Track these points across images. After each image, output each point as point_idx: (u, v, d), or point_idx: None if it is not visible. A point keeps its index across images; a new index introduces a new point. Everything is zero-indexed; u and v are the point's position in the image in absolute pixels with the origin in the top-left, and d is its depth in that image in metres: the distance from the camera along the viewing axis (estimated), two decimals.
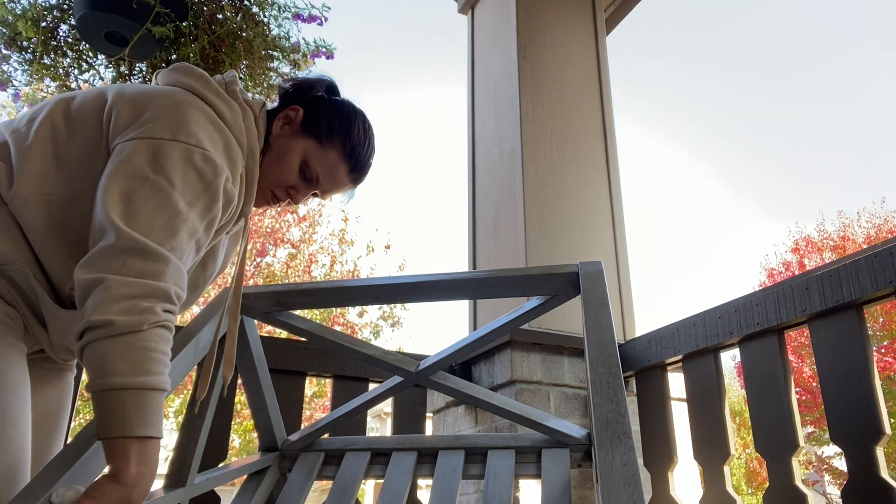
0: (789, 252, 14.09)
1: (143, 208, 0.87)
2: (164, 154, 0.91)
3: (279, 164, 1.14)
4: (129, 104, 0.98)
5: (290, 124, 1.16)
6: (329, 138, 1.16)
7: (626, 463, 0.89)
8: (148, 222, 0.87)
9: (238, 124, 1.06)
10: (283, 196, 1.17)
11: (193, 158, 0.93)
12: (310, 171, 1.15)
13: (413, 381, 1.51)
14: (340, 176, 1.19)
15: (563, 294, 1.36)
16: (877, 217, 13.69)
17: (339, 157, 1.17)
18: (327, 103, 1.20)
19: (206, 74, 1.09)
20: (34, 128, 0.98)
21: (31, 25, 1.92)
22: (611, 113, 2.59)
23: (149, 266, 0.84)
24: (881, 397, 1.32)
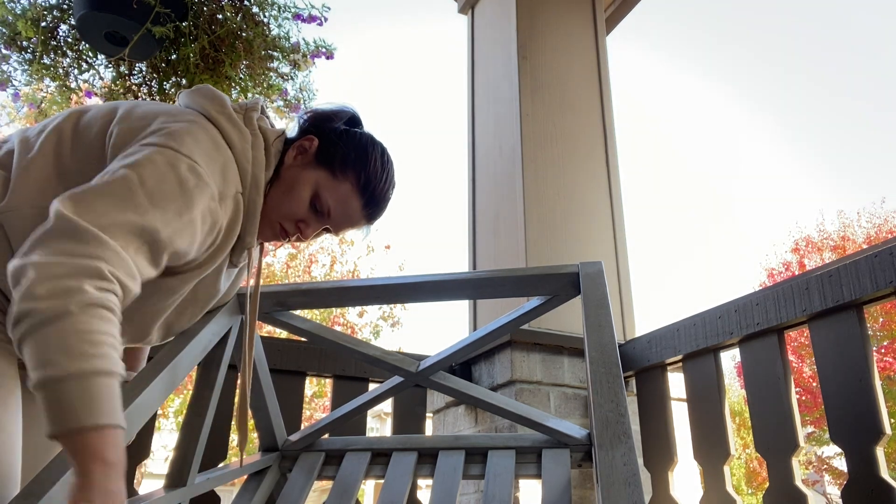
0: (789, 252, 14.09)
1: (96, 196, 0.83)
2: (148, 156, 0.89)
3: (288, 195, 1.08)
4: (134, 122, 0.96)
5: (303, 154, 1.11)
6: (343, 169, 1.10)
7: (627, 463, 0.89)
8: (95, 209, 0.81)
9: (245, 150, 1.03)
10: (292, 230, 1.10)
11: (178, 165, 0.90)
12: (321, 203, 1.09)
13: (413, 382, 1.51)
14: (353, 210, 1.12)
15: (563, 294, 1.36)
16: (877, 217, 13.70)
17: (353, 190, 1.10)
18: (344, 134, 1.14)
19: (225, 99, 1.06)
20: (41, 139, 0.97)
21: (30, 25, 1.92)
22: (611, 113, 2.59)
23: (79, 247, 0.77)
24: (881, 397, 1.32)
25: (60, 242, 0.78)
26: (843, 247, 13.33)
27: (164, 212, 0.87)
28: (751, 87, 69.17)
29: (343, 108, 1.19)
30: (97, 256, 0.79)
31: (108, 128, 0.96)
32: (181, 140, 0.92)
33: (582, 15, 2.72)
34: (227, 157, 0.99)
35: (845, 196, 49.01)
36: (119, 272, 0.81)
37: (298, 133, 1.16)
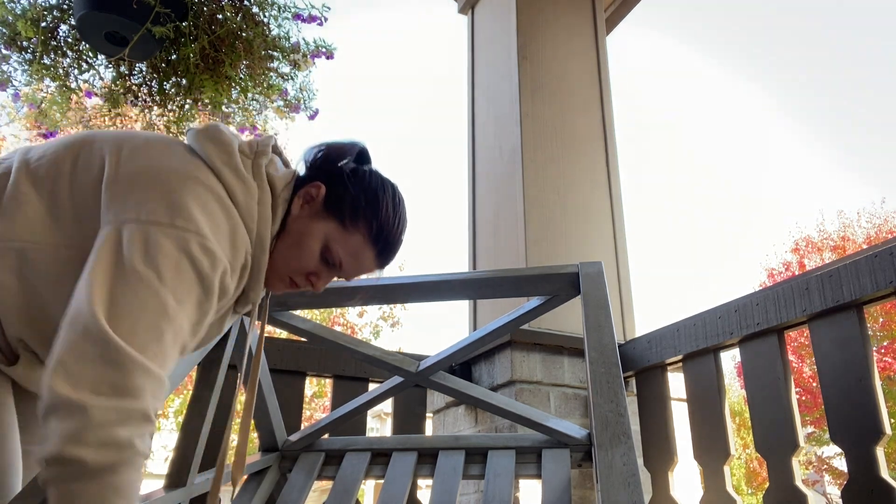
0: (789, 252, 14.09)
1: (127, 307, 0.80)
2: (157, 242, 0.84)
3: (297, 249, 1.03)
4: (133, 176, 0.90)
5: (310, 203, 1.04)
6: (353, 220, 1.04)
7: (626, 463, 0.89)
8: (131, 325, 0.79)
9: (250, 208, 0.96)
10: (302, 283, 1.06)
11: (190, 247, 0.85)
12: (332, 256, 1.04)
13: (413, 382, 1.51)
14: (366, 260, 1.07)
15: (563, 294, 1.36)
16: (877, 217, 13.70)
17: (365, 241, 1.05)
18: (352, 178, 1.07)
19: (233, 145, 0.99)
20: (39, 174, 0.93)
21: (30, 25, 1.92)
22: (611, 113, 2.59)
23: (129, 381, 0.76)
24: (881, 397, 1.32)
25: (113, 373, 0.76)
26: (843, 247, 13.33)
27: (188, 306, 0.86)
28: (751, 84, 69.17)
29: (351, 143, 1.12)
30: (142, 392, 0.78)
31: (102, 176, 0.91)
32: (188, 214, 0.87)
33: (582, 15, 2.72)
34: (234, 222, 0.94)
35: (845, 195, 49.04)
36: (158, 402, 0.82)
37: (305, 174, 1.09)
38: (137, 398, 0.77)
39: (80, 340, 0.76)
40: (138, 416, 0.77)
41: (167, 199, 0.87)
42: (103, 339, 0.76)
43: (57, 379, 0.74)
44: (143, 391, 0.78)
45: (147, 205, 0.86)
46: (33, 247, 0.88)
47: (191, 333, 0.88)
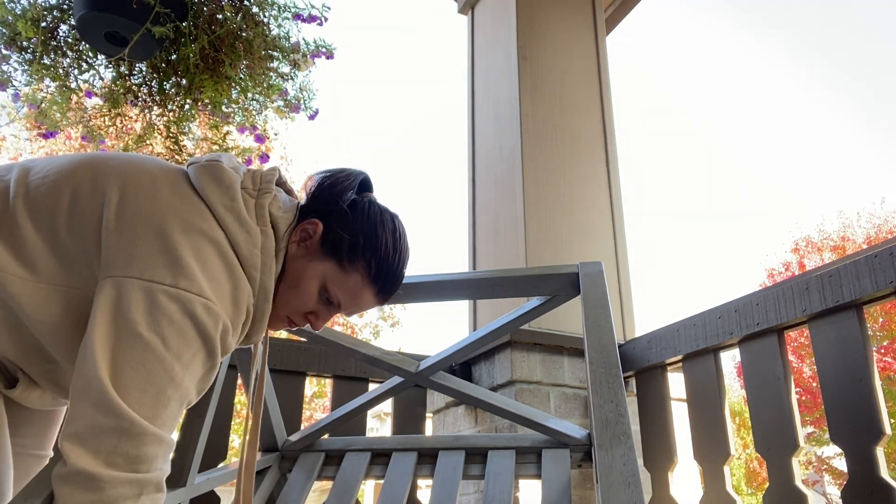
0: (789, 252, 14.10)
1: (134, 377, 0.80)
2: (160, 305, 0.82)
3: (295, 291, 1.01)
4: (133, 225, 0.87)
5: (306, 242, 1.01)
6: (351, 260, 1.01)
7: (626, 463, 0.89)
8: (140, 395, 0.79)
9: (253, 257, 0.93)
10: (300, 322, 1.05)
11: (194, 310, 0.84)
12: (330, 296, 1.02)
13: (413, 382, 1.51)
14: (366, 299, 1.05)
15: (563, 294, 1.36)
16: (876, 217, 13.70)
17: (364, 281, 1.02)
18: (349, 214, 1.03)
19: (234, 185, 0.95)
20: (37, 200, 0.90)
21: (30, 25, 1.92)
22: (611, 113, 2.59)
23: (142, 451, 0.78)
24: (881, 397, 1.32)
25: (125, 444, 0.78)
26: (842, 247, 13.33)
27: (193, 369, 0.85)
28: (754, 81, 69.20)
29: (354, 173, 1.08)
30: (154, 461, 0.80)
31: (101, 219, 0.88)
32: (192, 274, 0.85)
33: (582, 15, 2.72)
34: (236, 278, 0.91)
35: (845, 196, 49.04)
36: (168, 465, 0.84)
37: (306, 205, 1.06)
38: (151, 469, 0.79)
39: (92, 412, 0.77)
40: (151, 487, 0.79)
41: (170, 256, 0.84)
42: (115, 411, 0.77)
43: (73, 449, 0.76)
44: (156, 459, 0.80)
45: (150, 261, 0.84)
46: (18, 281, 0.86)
47: (196, 392, 0.88)
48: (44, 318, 0.86)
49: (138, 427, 0.78)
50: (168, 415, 0.82)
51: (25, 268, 0.86)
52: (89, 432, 0.77)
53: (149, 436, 0.79)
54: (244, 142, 2.64)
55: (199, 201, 0.92)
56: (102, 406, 0.77)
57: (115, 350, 0.80)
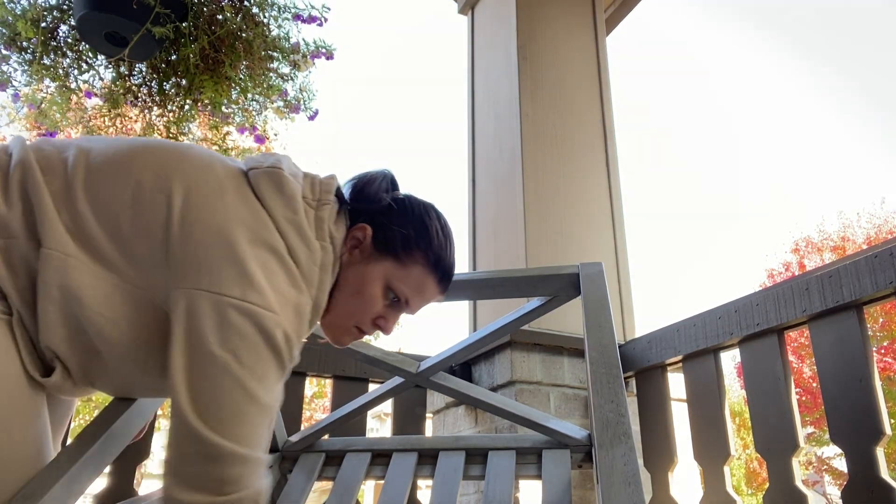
0: (789, 252, 14.10)
1: (211, 398, 0.80)
2: (231, 320, 0.81)
3: (359, 297, 1.00)
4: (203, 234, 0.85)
5: (358, 248, 1.00)
6: (408, 253, 1.01)
7: (627, 463, 0.89)
8: (218, 415, 0.79)
9: (311, 273, 0.92)
10: (370, 329, 1.04)
11: (264, 324, 0.83)
12: (397, 294, 1.02)
13: (413, 382, 1.51)
14: (430, 290, 1.05)
15: (563, 295, 1.36)
16: (876, 217, 13.70)
17: (425, 271, 1.02)
18: (395, 212, 1.03)
19: (296, 196, 0.94)
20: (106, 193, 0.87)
21: (30, 26, 1.92)
22: (611, 113, 2.59)
23: (226, 472, 0.79)
24: (881, 398, 1.32)
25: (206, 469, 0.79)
26: (842, 247, 13.34)
27: (268, 382, 0.85)
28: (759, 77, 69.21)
29: (381, 173, 1.08)
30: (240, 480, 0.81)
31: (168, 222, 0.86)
32: (259, 287, 0.84)
33: (582, 15, 2.72)
34: (299, 290, 0.90)
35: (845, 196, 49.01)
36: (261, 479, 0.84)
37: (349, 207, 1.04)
38: (239, 488, 0.80)
39: (180, 440, 0.79)
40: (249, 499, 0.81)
41: (238, 269, 0.83)
42: (196, 436, 0.78)
43: (169, 482, 0.79)
44: (241, 479, 0.80)
45: (219, 273, 0.83)
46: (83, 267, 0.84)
47: (275, 403, 0.88)
48: (104, 311, 0.85)
49: (219, 449, 0.78)
50: (250, 431, 0.82)
51: (91, 257, 0.85)
52: (179, 461, 0.79)
53: (232, 457, 0.79)
54: (244, 142, 2.64)
55: (261, 210, 0.90)
56: (183, 432, 0.79)
57: (190, 371, 0.80)
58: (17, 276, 0.85)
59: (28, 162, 0.87)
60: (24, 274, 0.85)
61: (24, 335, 0.87)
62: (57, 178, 0.87)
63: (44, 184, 0.86)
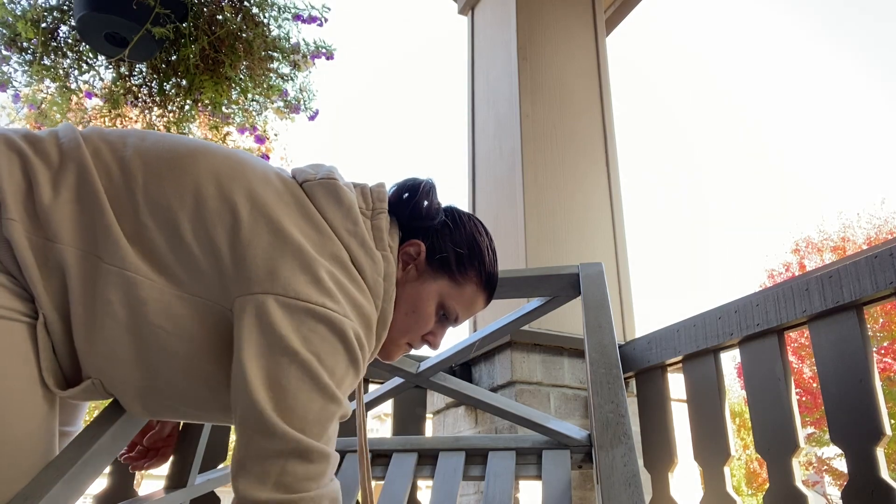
0: (789, 253, 14.10)
1: (295, 397, 0.78)
2: (310, 323, 0.80)
3: (413, 315, 0.99)
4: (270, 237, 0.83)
5: (413, 263, 1.00)
6: (463, 273, 1.01)
7: (627, 464, 0.89)
8: (302, 415, 0.78)
9: (377, 285, 0.91)
10: (419, 345, 1.04)
11: (343, 328, 0.82)
12: (448, 312, 1.02)
13: (413, 383, 1.51)
14: (478, 306, 1.06)
15: (563, 295, 1.36)
16: (876, 218, 13.71)
17: (477, 290, 1.03)
18: (450, 229, 1.03)
19: (354, 206, 0.93)
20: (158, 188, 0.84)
21: (31, 26, 1.92)
22: (611, 113, 2.59)
23: (310, 469, 0.78)
24: (881, 398, 1.32)
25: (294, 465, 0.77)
26: (843, 247, 13.34)
27: (346, 387, 0.85)
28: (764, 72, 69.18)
29: (425, 183, 1.05)
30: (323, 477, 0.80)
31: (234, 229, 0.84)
32: (333, 295, 0.83)
33: (582, 15, 2.72)
34: (367, 301, 0.89)
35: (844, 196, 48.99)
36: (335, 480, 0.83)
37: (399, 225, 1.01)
38: (321, 485, 0.79)
39: (256, 437, 0.76)
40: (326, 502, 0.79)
41: (311, 275, 0.82)
42: (278, 433, 0.76)
43: (240, 479, 0.76)
44: (323, 476, 0.79)
45: (292, 278, 0.81)
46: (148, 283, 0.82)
47: (349, 407, 0.86)
48: (166, 325, 0.82)
49: (304, 445, 0.77)
50: (332, 430, 0.82)
51: (154, 270, 0.82)
52: (255, 458, 0.76)
53: (315, 453, 0.78)
54: (244, 142, 2.65)
55: (323, 222, 0.89)
56: (264, 429, 0.76)
57: (270, 370, 0.78)
58: (50, 280, 0.82)
59: (84, 161, 0.84)
60: (59, 278, 0.82)
61: (46, 341, 0.84)
62: (114, 185, 0.84)
63: (102, 190, 0.83)
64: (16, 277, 0.82)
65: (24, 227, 0.81)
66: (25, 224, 0.81)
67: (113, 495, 1.62)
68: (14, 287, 0.82)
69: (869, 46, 66.39)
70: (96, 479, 0.97)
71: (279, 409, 0.77)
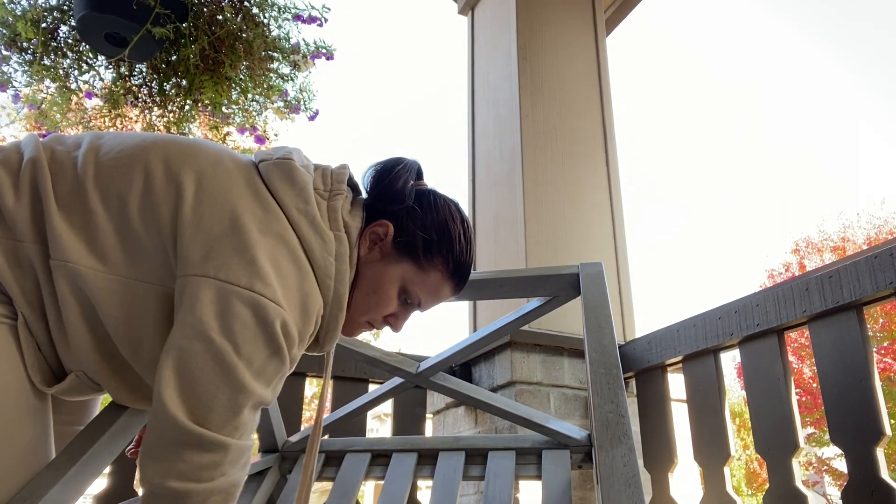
0: (789, 253, 14.10)
1: (202, 386, 0.78)
2: (233, 309, 0.79)
3: (374, 296, 0.98)
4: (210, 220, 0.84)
5: (379, 244, 0.99)
6: (429, 258, 0.99)
7: (627, 464, 0.89)
8: (207, 404, 0.78)
9: (327, 265, 0.90)
10: (380, 326, 1.03)
11: (267, 315, 0.81)
12: (410, 297, 1.00)
13: (413, 383, 1.51)
14: (445, 293, 1.04)
15: (563, 295, 1.36)
16: (876, 218, 13.70)
17: (443, 277, 1.01)
18: (418, 211, 1.01)
19: (308, 186, 0.93)
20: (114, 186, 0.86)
21: (31, 26, 1.92)
22: (611, 113, 2.59)
23: (205, 458, 0.78)
24: (881, 398, 1.32)
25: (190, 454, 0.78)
26: (842, 248, 13.34)
27: (266, 377, 0.84)
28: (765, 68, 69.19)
29: (408, 164, 1.04)
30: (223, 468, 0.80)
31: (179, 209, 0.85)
32: (266, 278, 0.82)
33: (582, 16, 2.72)
34: (309, 285, 0.88)
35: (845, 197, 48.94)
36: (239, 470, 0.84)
37: (367, 203, 1.02)
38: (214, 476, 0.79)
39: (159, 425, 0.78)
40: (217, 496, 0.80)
41: (246, 256, 0.82)
42: (177, 424, 0.77)
43: (145, 466, 0.78)
44: (221, 465, 0.80)
45: (225, 259, 0.81)
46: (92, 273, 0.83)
47: (270, 396, 0.86)
48: (114, 311, 0.84)
49: (199, 436, 0.77)
50: (240, 422, 0.82)
51: (98, 258, 0.84)
52: (156, 445, 0.78)
53: (212, 443, 0.78)
54: (244, 142, 2.65)
55: (272, 201, 0.89)
56: (164, 418, 0.77)
57: (183, 354, 0.78)
58: (24, 279, 0.84)
59: (39, 162, 0.86)
60: (31, 276, 0.84)
61: (28, 340, 0.86)
62: (67, 180, 0.86)
63: (51, 188, 0.85)
64: None
65: None
66: None
67: (113, 495, 1.62)
68: None
69: (869, 46, 66.42)
70: (96, 479, 0.97)
71: (183, 397, 0.78)
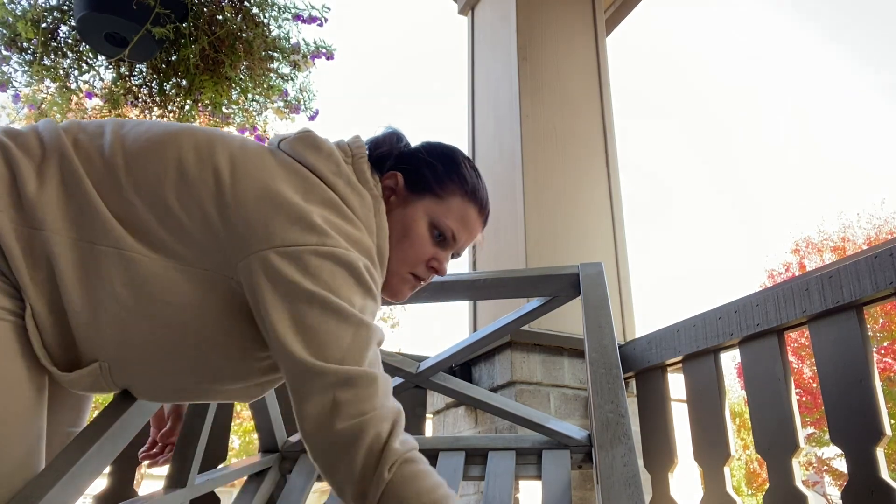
0: (789, 253, 14.10)
1: (326, 333, 0.79)
2: (314, 263, 0.81)
3: (407, 240, 0.99)
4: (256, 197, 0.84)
5: (395, 193, 1.01)
6: (443, 186, 1.02)
7: (627, 464, 0.89)
8: (337, 346, 0.79)
9: (368, 220, 0.92)
10: (425, 274, 1.03)
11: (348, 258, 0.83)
12: (442, 231, 1.01)
13: (413, 383, 1.51)
14: (473, 220, 1.06)
15: (563, 295, 1.36)
16: (876, 218, 13.71)
17: (464, 200, 1.04)
18: (420, 153, 1.05)
19: (334, 152, 0.95)
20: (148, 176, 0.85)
21: (31, 26, 1.92)
22: (611, 113, 2.59)
23: (360, 393, 0.77)
24: (881, 398, 1.32)
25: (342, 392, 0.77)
26: (842, 248, 13.34)
27: (368, 312, 0.86)
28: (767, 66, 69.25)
29: (389, 129, 1.09)
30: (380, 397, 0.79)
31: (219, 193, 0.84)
32: (329, 233, 0.84)
33: (582, 15, 2.72)
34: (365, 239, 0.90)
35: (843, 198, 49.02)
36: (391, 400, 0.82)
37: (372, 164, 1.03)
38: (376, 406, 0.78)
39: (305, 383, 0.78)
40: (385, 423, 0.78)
41: (304, 223, 0.83)
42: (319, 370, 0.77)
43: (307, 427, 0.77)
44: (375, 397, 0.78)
45: (287, 230, 0.82)
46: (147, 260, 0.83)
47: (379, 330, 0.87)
48: (171, 300, 0.83)
49: (346, 374, 0.77)
50: (371, 354, 0.82)
51: (147, 246, 0.83)
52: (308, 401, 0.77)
53: (359, 378, 0.78)
54: None
55: (304, 170, 0.91)
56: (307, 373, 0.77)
57: (293, 317, 0.79)
58: (37, 269, 0.82)
59: (65, 149, 0.85)
60: (44, 268, 0.82)
61: (35, 333, 0.84)
62: (96, 169, 0.85)
63: (86, 176, 0.84)
64: (4, 273, 0.83)
65: (10, 217, 0.81)
66: (11, 215, 0.82)
67: (113, 495, 1.62)
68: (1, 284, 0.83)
69: (868, 46, 66.43)
70: (96, 479, 0.97)
71: (312, 349, 0.78)
